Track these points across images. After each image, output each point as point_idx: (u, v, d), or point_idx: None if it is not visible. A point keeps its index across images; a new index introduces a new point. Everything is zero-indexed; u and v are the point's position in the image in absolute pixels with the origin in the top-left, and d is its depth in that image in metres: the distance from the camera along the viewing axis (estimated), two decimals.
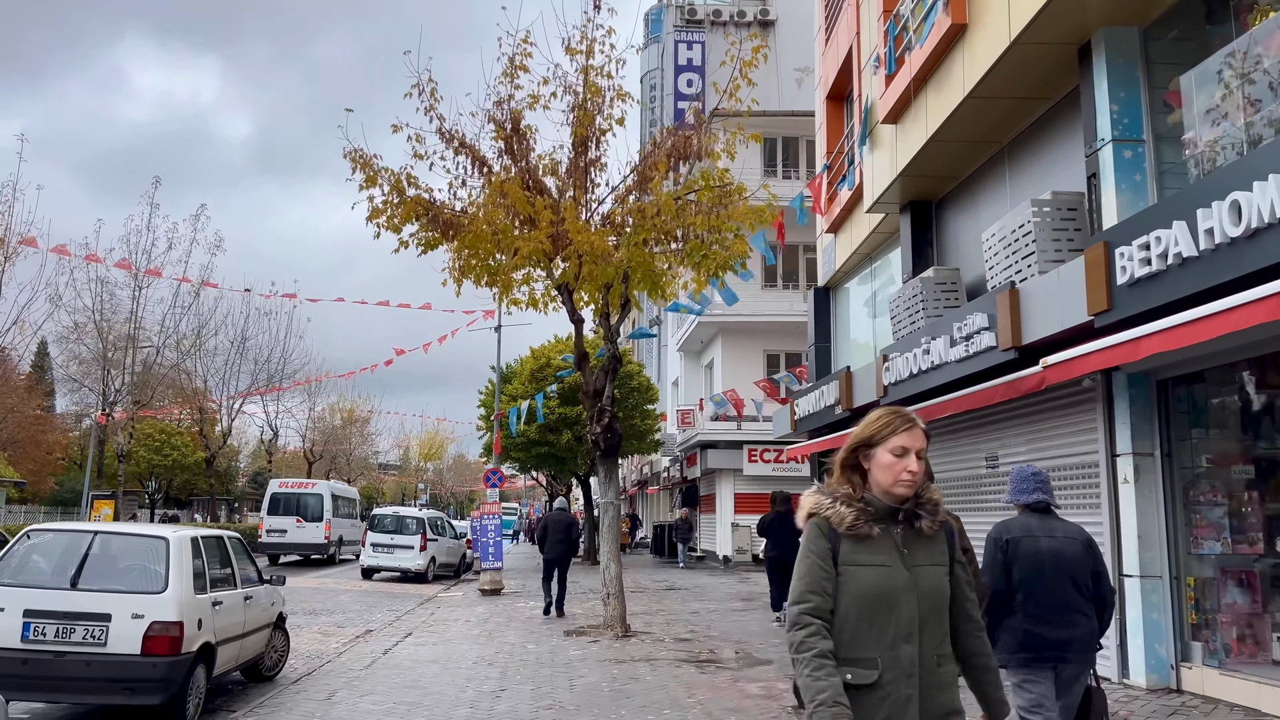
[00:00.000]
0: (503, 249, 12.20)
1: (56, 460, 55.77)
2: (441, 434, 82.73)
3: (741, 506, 28.34)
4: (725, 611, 15.30)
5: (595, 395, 12.65)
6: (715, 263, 11.24)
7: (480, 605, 16.99)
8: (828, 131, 17.47)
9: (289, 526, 28.70)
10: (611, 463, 12.52)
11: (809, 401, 16.55)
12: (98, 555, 7.47)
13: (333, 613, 16.64)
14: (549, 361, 29.45)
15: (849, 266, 16.93)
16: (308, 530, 28.71)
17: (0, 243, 19.74)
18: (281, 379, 36.85)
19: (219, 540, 8.64)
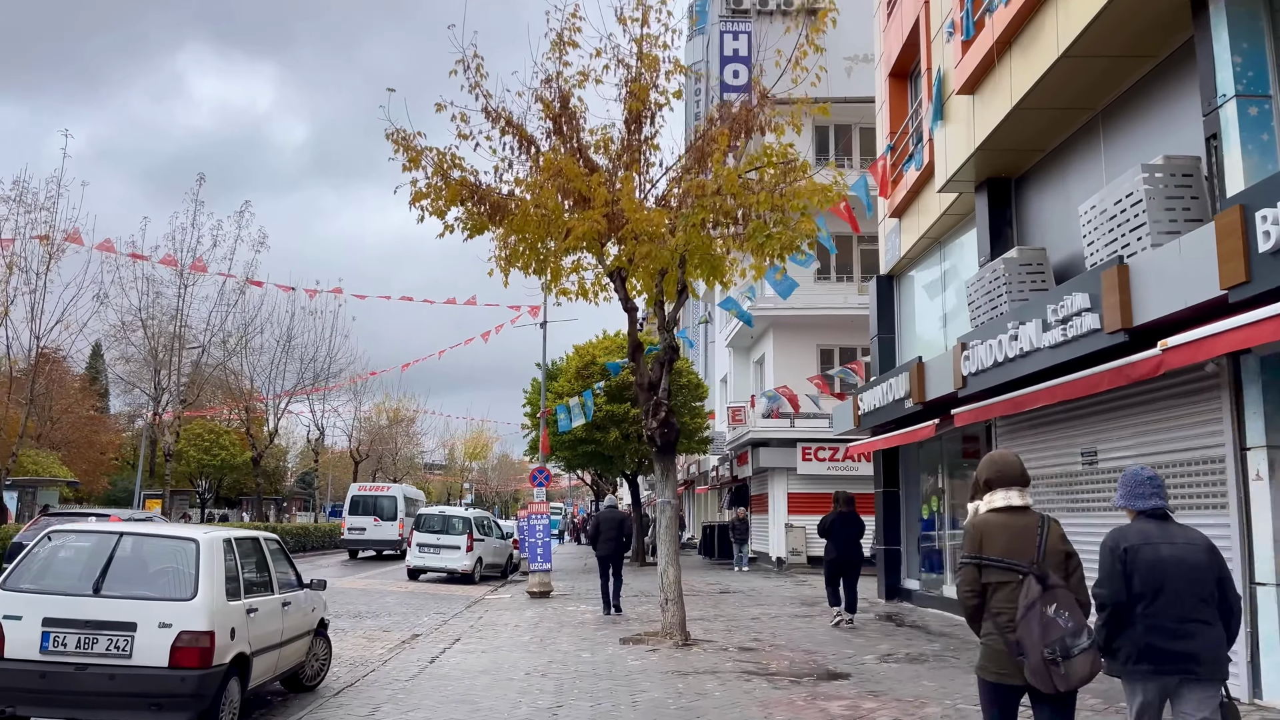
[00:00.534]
0: (553, 233, 11.51)
1: (110, 460, 56.50)
2: (486, 433, 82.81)
3: (795, 507, 27.43)
4: (788, 617, 14.47)
5: (650, 388, 11.92)
6: (780, 244, 10.43)
7: (529, 608, 16.35)
8: (890, 111, 16.55)
9: (368, 525, 31.81)
10: (668, 459, 11.77)
11: (874, 395, 15.65)
12: (123, 559, 6.89)
13: (378, 615, 16.12)
14: (594, 359, 28.81)
15: (915, 253, 16.00)
16: (384, 528, 31.57)
17: (45, 239, 19.51)
18: (327, 378, 36.65)
19: (254, 542, 8.04)
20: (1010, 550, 4.27)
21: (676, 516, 11.78)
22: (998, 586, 4.28)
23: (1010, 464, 4.50)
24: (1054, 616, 4.09)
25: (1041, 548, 4.25)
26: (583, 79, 11.59)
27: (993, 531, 4.34)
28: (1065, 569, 4.27)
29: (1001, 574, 4.27)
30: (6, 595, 6.61)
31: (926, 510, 15.71)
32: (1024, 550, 4.25)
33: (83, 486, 52.37)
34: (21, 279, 19.13)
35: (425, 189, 11.20)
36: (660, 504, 11.74)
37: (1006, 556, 4.27)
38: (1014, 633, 4.16)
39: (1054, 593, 4.14)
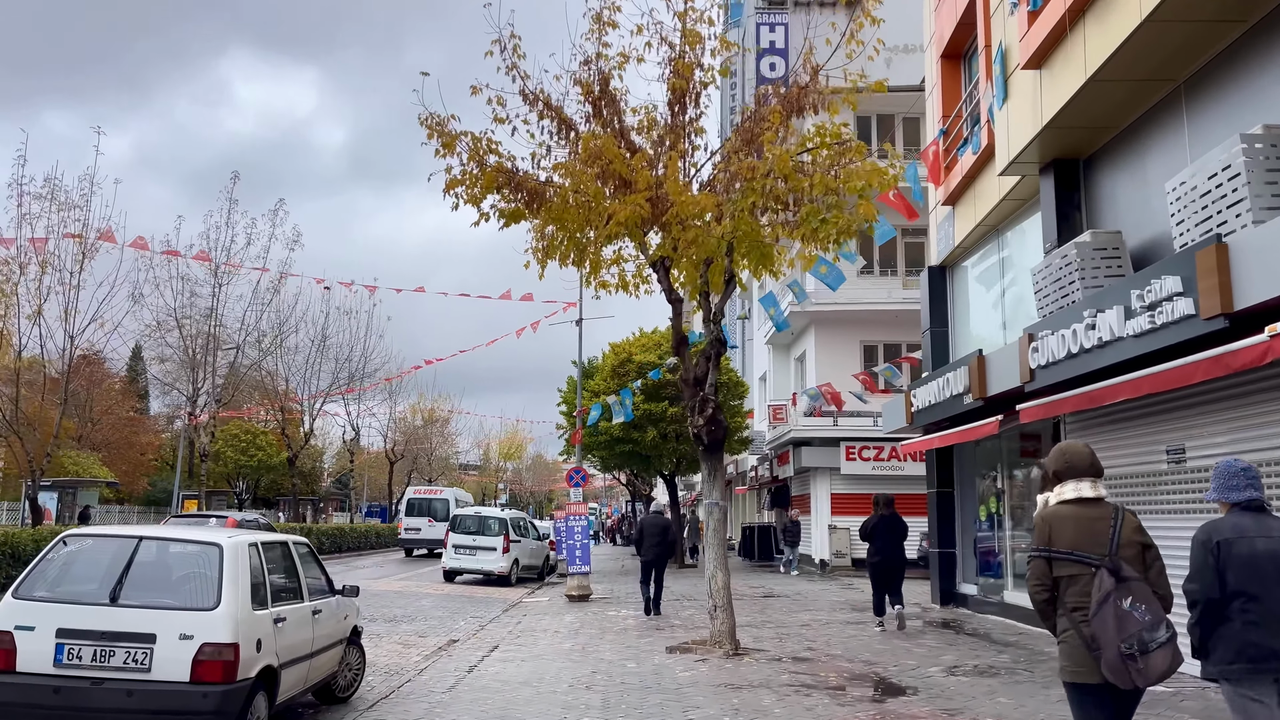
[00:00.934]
0: (592, 220, 10.97)
1: (149, 461, 57.00)
2: (520, 433, 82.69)
3: (839, 507, 26.69)
4: (839, 624, 13.80)
5: (696, 384, 11.33)
6: (835, 229, 9.78)
7: (569, 613, 15.82)
8: (943, 94, 15.81)
9: (422, 525, 33.53)
10: (716, 459, 11.17)
11: (929, 392, 14.93)
12: (142, 565, 6.43)
13: (414, 619, 15.68)
14: (630, 357, 28.27)
15: (970, 242, 15.25)
16: (437, 528, 32.46)
17: (78, 238, 19.33)
18: (362, 378, 36.44)
19: (282, 546, 7.56)
20: (1080, 542, 4.17)
21: (724, 519, 11.19)
22: (1070, 580, 4.17)
23: (1080, 454, 4.40)
24: (1129, 610, 3.96)
25: (1115, 540, 4.14)
26: (623, 60, 11.04)
27: (1062, 524, 4.25)
28: (1143, 561, 4.16)
29: (1072, 567, 4.17)
30: (18, 604, 6.18)
31: (984, 512, 14.97)
32: (1095, 542, 4.15)
33: (123, 487, 52.88)
34: (55, 278, 18.91)
35: (460, 175, 10.70)
36: (707, 505, 11.14)
37: (1076, 549, 4.16)
38: (1088, 627, 4.05)
39: (1129, 585, 4.02)
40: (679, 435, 27.46)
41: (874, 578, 12.92)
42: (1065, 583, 4.19)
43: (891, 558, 12.70)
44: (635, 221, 9.62)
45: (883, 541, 12.67)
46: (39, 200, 18.51)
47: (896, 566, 12.79)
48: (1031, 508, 13.65)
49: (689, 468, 30.80)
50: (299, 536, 8.01)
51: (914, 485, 26.20)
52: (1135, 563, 4.11)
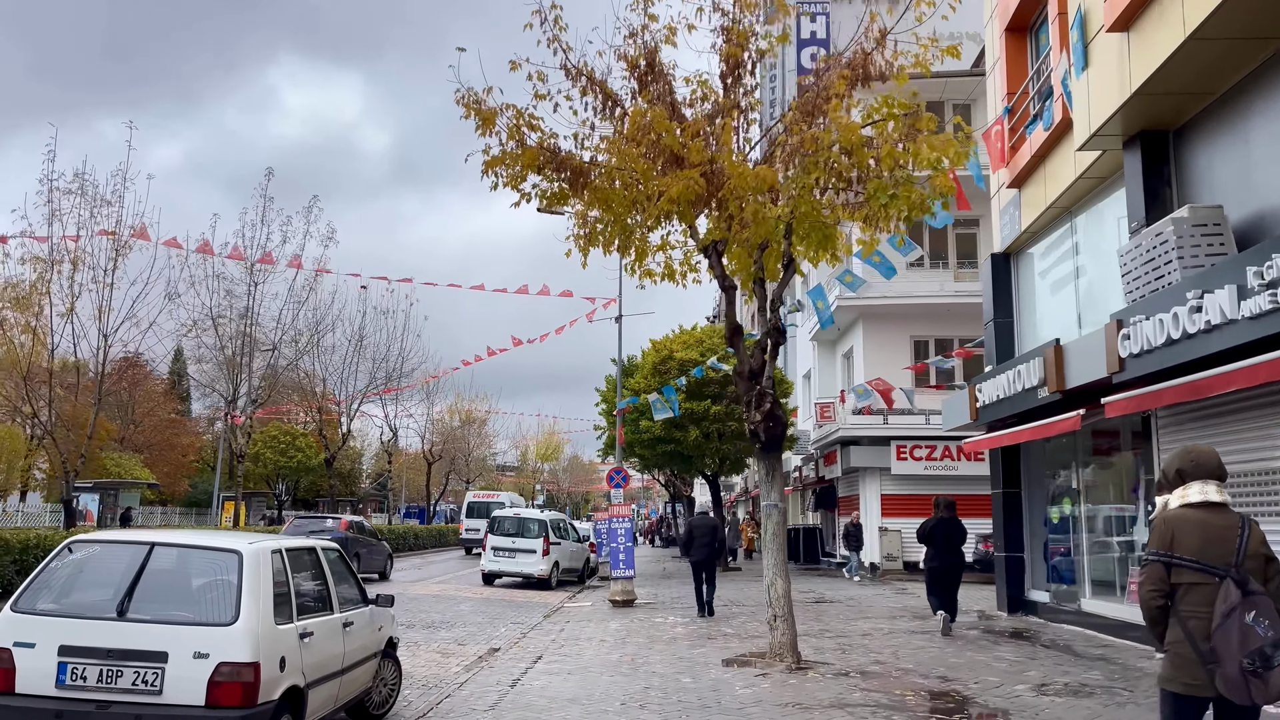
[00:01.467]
0: (639, 201, 10.25)
1: (190, 463, 57.30)
2: (557, 434, 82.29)
3: (889, 509, 25.73)
4: (903, 633, 12.94)
5: (752, 377, 10.55)
6: (907, 204, 8.96)
7: (614, 620, 15.11)
8: (1007, 70, 14.88)
9: (481, 527, 33.93)
10: (774, 457, 10.39)
11: (996, 386, 14.01)
12: (154, 574, 5.81)
13: (452, 625, 15.07)
14: (671, 354, 27.51)
15: (1038, 226, 14.30)
16: None
17: (112, 235, 18.99)
18: (400, 378, 36.06)
19: (310, 553, 6.92)
20: (1206, 550, 3.98)
21: (784, 522, 10.41)
22: (1189, 588, 4.00)
23: (1208, 455, 4.22)
24: (1253, 624, 3.81)
25: (1241, 550, 3.96)
26: (671, 32, 10.31)
27: (1187, 528, 4.05)
28: (1265, 574, 3.97)
29: (1194, 575, 3.99)
30: (17, 619, 5.58)
31: (1056, 514, 14.01)
32: (1222, 551, 3.97)
33: (164, 489, 53.16)
34: (89, 275, 18.58)
35: (500, 154, 10.02)
36: (766, 507, 10.36)
37: (1201, 557, 3.98)
38: (1208, 640, 3.88)
39: (1254, 600, 3.85)
40: (721, 434, 26.67)
41: (930, 582, 12.75)
42: (1183, 591, 4.02)
43: (949, 562, 12.45)
44: (688, 199, 8.87)
45: (941, 545, 12.40)
46: (69, 196, 18.19)
47: (954, 571, 12.58)
48: (1109, 509, 12.69)
49: (731, 468, 30.00)
50: (328, 541, 7.36)
51: (969, 485, 25.17)
52: (1258, 575, 3.94)
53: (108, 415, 53.37)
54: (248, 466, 60.01)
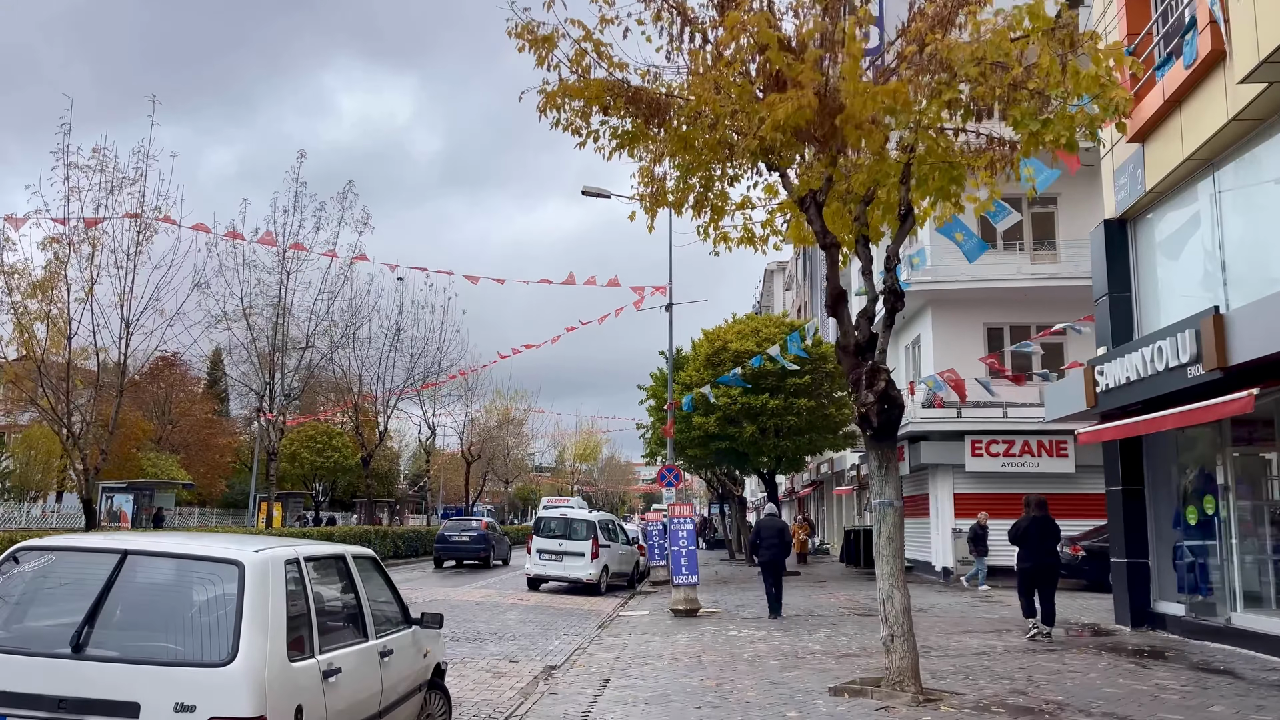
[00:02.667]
0: (725, 144, 8.65)
1: (228, 463, 56.59)
2: (596, 434, 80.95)
3: (963, 509, 23.81)
4: (1022, 651, 11.18)
5: (859, 351, 8.89)
6: (1066, 129, 7.26)
7: (681, 632, 13.49)
8: (1126, 7, 13.06)
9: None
10: (889, 445, 8.73)
11: (1123, 367, 12.18)
12: (126, 594, 4.30)
13: (500, 638, 13.55)
14: (725, 344, 25.84)
15: (1167, 184, 12.47)
16: None
17: (136, 216, 17.73)
18: (438, 373, 34.73)
19: (338, 562, 5.38)
20: None
21: (901, 524, 8.74)
22: None
23: None
24: None
25: None
26: None
27: None
28: None
29: None
30: None
31: (1193, 514, 12.16)
32: None
33: (201, 489, 52.45)
34: (110, 260, 17.33)
35: (560, 87, 8.45)
36: (878, 506, 8.69)
37: None
38: None
39: None
40: (779, 430, 24.98)
41: (1023, 583, 12.38)
42: None
43: (1044, 562, 12.11)
44: (798, 123, 7.21)
45: (1034, 545, 12.08)
46: (84, 171, 16.93)
47: (1049, 571, 12.23)
48: (1266, 508, 10.86)
49: (788, 466, 28.26)
50: (359, 548, 5.81)
51: (1051, 483, 23.27)
52: None
53: (145, 415, 52.95)
54: (284, 467, 59.24)
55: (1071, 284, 23.72)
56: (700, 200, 9.87)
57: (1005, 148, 8.86)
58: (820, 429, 25.37)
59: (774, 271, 66.94)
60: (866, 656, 10.91)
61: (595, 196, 25.81)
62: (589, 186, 25.58)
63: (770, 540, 15.67)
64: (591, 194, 25.78)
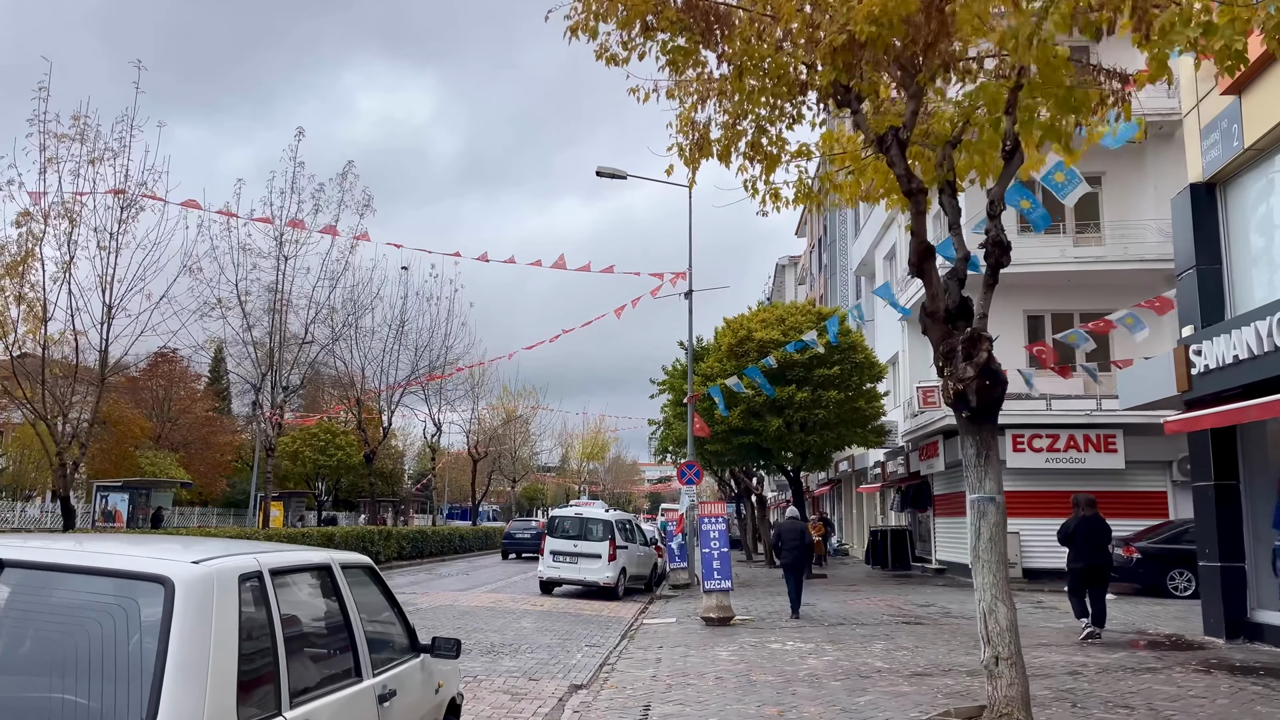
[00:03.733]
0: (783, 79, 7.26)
1: (229, 462, 55.27)
2: (603, 432, 79.61)
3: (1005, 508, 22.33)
4: (1122, 669, 9.75)
5: (949, 318, 7.47)
6: (1239, 31, 5.84)
7: (718, 644, 12.08)
8: None
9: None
10: (989, 429, 7.31)
11: (1224, 346, 10.75)
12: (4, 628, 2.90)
13: (516, 650, 12.15)
14: (750, 333, 24.41)
15: (1268, 141, 11.04)
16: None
17: (120, 193, 16.35)
18: (445, 367, 33.31)
19: (321, 576, 3.96)
20: None
21: (1004, 522, 7.33)
22: None
23: None
24: None
25: None
26: None
27: None
28: None
29: None
30: None
31: None
32: None
33: (202, 488, 51.15)
34: (92, 238, 15.96)
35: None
36: (976, 502, 7.26)
37: None
38: None
39: None
40: (805, 425, 23.55)
41: (1074, 584, 12.18)
42: None
43: (1095, 562, 11.95)
44: (897, 15, 5.78)
45: (1084, 545, 11.94)
46: (62, 140, 15.55)
47: (1099, 572, 12.05)
48: None
49: (814, 463, 26.84)
50: (351, 554, 4.38)
51: (1099, 480, 21.82)
52: None
53: (144, 412, 51.65)
54: (286, 466, 57.96)
55: (1118, 268, 22.31)
56: (753, 146, 8.49)
57: (1115, 81, 7.47)
58: (849, 423, 23.92)
59: (785, 266, 65.66)
60: (941, 676, 9.50)
61: (611, 177, 24.44)
62: (604, 167, 24.22)
63: (792, 542, 15.93)
64: (606, 175, 24.41)
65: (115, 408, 49.07)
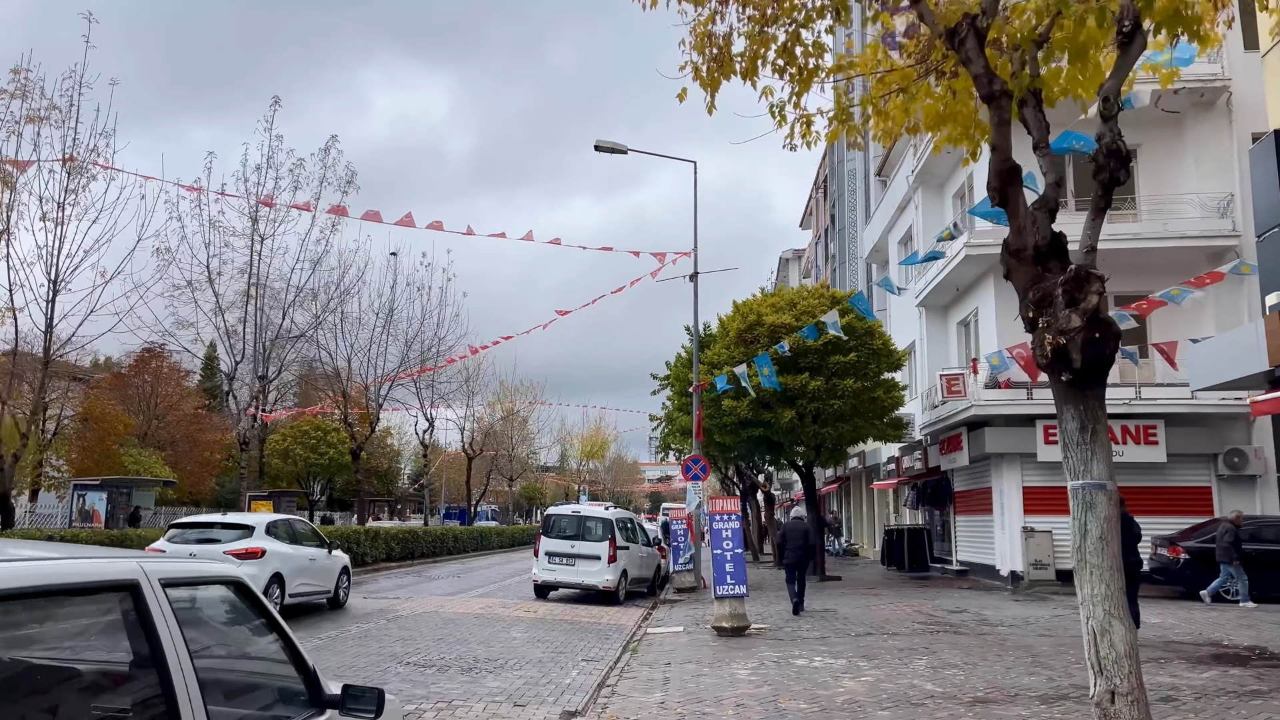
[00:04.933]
0: None
1: (218, 460, 53.65)
2: (603, 430, 78.04)
3: (1034, 504, 20.79)
4: (1223, 694, 8.14)
5: (1039, 257, 5.87)
6: None
7: (735, 660, 10.47)
8: None
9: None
10: (1097, 393, 5.70)
11: None
12: None
13: (502, 666, 10.53)
14: (760, 318, 22.78)
15: None
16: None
17: (68, 160, 14.75)
18: (436, 357, 31.70)
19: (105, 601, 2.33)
20: None
21: (1117, 516, 5.72)
22: None
23: None
24: None
25: None
26: None
27: None
28: None
29: None
30: None
31: None
32: None
33: (191, 487, 49.52)
34: (38, 209, 14.35)
35: None
36: (1080, 490, 5.64)
37: None
38: None
39: None
40: (818, 416, 21.90)
41: None
42: None
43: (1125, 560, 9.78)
44: None
45: None
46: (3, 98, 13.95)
47: (1131, 573, 10.66)
48: None
49: (828, 458, 25.20)
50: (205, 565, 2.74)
51: (1139, 475, 20.21)
52: None
53: (129, 409, 50.02)
54: (276, 464, 56.33)
55: (1156, 245, 20.69)
56: (785, 54, 6.93)
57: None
58: (866, 415, 22.28)
59: (789, 260, 64.28)
60: (1008, 703, 7.91)
61: (610, 152, 22.79)
62: (602, 141, 22.57)
63: (796, 542, 16.17)
64: (606, 149, 22.75)
65: (97, 404, 47.56)
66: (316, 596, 15.54)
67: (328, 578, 15.97)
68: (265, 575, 13.37)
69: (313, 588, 15.25)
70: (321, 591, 15.66)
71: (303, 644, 3.12)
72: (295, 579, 14.42)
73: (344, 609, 16.18)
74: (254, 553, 13.57)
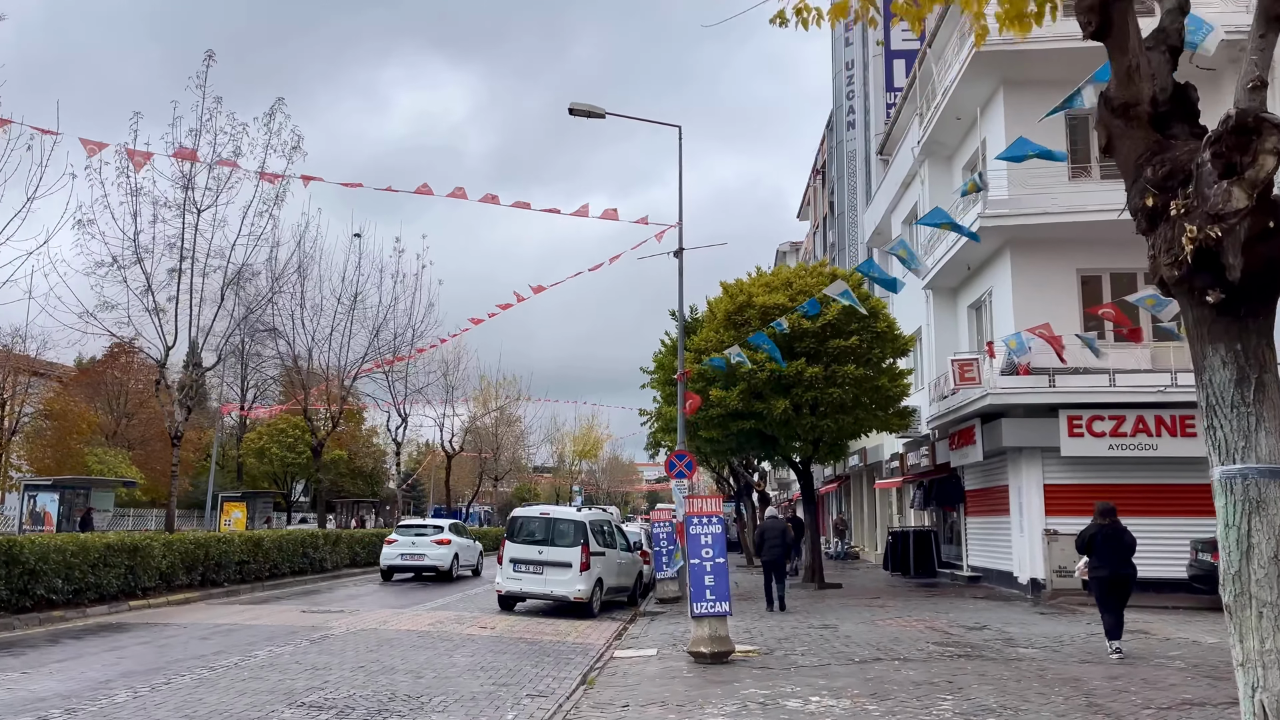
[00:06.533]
0: None
1: (191, 459, 51.48)
2: (596, 430, 75.98)
3: (1056, 505, 18.63)
4: None
5: (1157, 118, 3.75)
6: None
7: (712, 699, 8.31)
8: None
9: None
10: (1261, 330, 3.63)
11: None
12: None
13: (420, 708, 8.35)
14: (750, 300, 20.63)
15: None
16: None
17: None
18: (411, 344, 29.54)
19: None
20: None
21: None
22: None
23: None
24: None
25: None
26: None
27: None
28: None
29: None
30: None
31: None
32: None
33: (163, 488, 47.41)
34: None
35: None
36: (1230, 481, 3.52)
37: None
38: None
39: None
40: (816, 406, 19.75)
41: (1101, 595, 11.33)
42: None
43: (1120, 572, 11.19)
44: None
45: (1106, 552, 11.23)
46: None
47: (1124, 583, 11.21)
48: None
49: (828, 453, 23.03)
50: None
51: (1174, 471, 18.06)
52: None
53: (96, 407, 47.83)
54: (251, 463, 54.13)
55: None
56: None
57: None
58: (868, 405, 20.13)
59: (786, 252, 62.34)
60: None
61: (586, 116, 20.68)
62: (578, 104, 20.44)
63: (773, 541, 16.54)
64: (581, 113, 20.61)
65: (59, 400, 45.39)
66: None
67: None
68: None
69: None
70: None
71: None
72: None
73: (257, 626, 14.04)
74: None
